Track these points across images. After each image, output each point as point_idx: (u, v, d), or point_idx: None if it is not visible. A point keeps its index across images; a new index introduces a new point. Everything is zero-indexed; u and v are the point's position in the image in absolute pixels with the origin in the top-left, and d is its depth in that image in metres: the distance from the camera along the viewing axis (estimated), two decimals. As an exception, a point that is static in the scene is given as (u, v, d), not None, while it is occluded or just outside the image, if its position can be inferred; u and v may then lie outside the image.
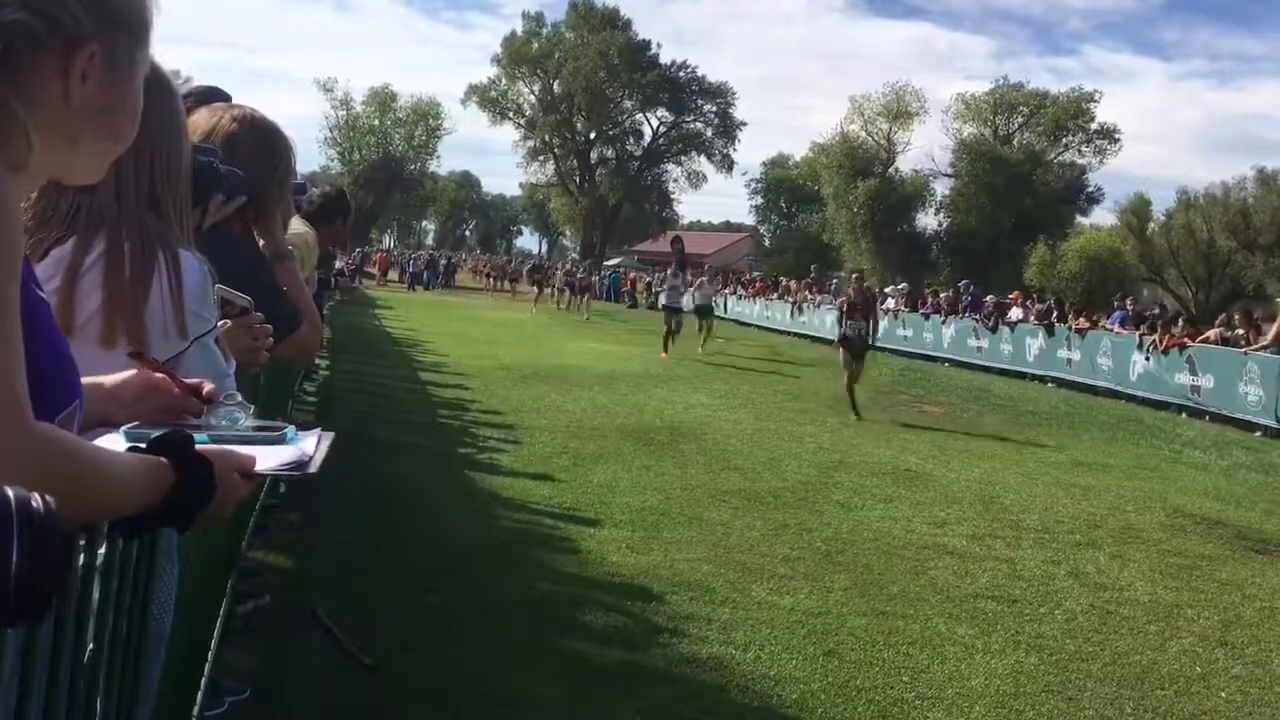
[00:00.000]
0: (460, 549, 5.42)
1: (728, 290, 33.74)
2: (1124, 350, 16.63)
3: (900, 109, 47.70)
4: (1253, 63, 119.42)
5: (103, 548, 1.17)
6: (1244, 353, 14.18)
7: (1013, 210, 43.53)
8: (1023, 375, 19.00)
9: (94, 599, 1.19)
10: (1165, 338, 15.63)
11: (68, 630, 1.08)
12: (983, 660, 4.31)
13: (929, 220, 48.18)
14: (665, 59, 60.06)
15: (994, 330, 20.52)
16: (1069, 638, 4.67)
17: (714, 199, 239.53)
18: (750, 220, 68.59)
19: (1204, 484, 9.15)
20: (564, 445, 8.49)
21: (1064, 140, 46.18)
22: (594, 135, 61.67)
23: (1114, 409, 15.05)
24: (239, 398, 1.40)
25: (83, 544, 1.09)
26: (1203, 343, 15.44)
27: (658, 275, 42.34)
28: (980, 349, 20.83)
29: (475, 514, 6.24)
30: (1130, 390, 16.26)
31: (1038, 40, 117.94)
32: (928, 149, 58.51)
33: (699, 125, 61.67)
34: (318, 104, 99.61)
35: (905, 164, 48.48)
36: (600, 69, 57.79)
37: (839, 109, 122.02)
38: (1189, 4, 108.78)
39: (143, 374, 1.37)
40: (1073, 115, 45.70)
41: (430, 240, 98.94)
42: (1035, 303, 22.66)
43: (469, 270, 56.16)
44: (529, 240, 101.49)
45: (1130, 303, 20.64)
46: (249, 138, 2.49)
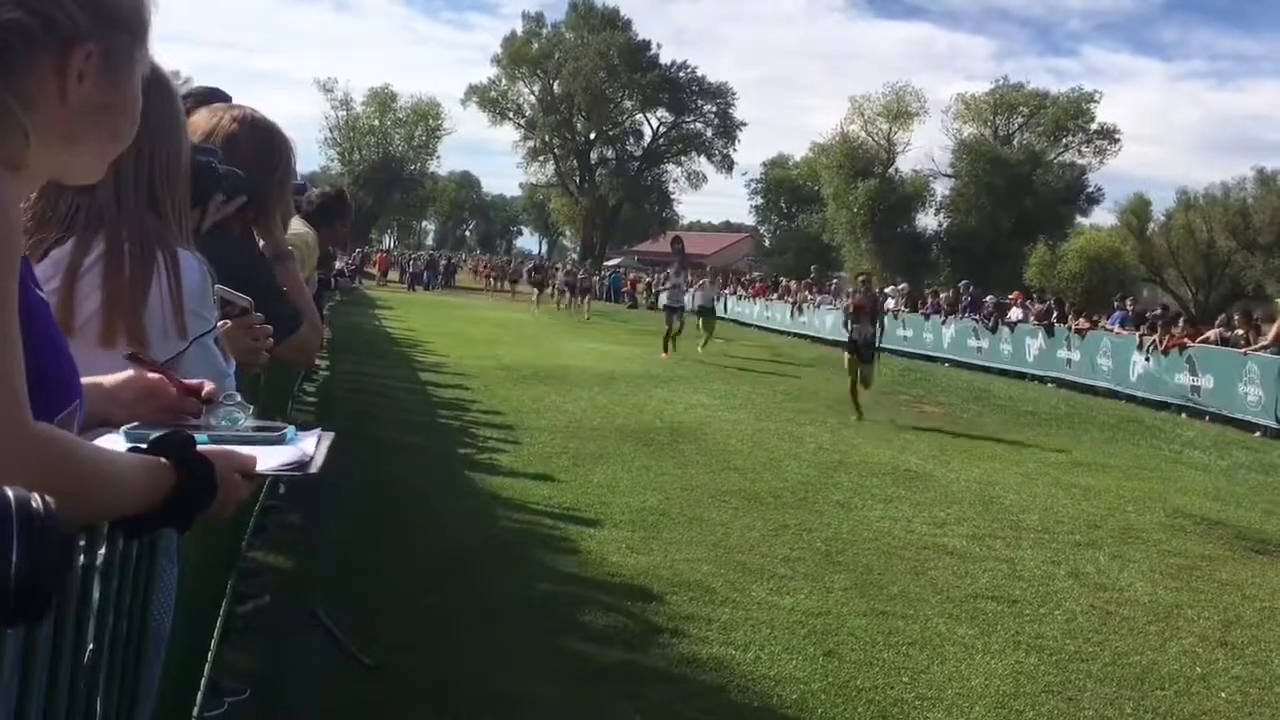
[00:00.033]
0: (460, 549, 5.42)
1: (727, 290, 33.73)
2: (1124, 350, 16.64)
3: (900, 109, 47.72)
4: (1252, 63, 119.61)
5: (103, 548, 1.17)
6: (1244, 353, 14.18)
7: (1013, 210, 43.55)
8: (1023, 375, 19.01)
9: (94, 599, 1.19)
10: (1165, 338, 15.64)
11: (68, 630, 1.08)
12: (983, 660, 4.31)
13: (929, 220, 48.26)
14: (665, 59, 60.17)
15: (994, 330, 20.52)
16: (1069, 638, 4.67)
17: (714, 199, 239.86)
18: (750, 220, 68.75)
19: (1204, 484, 9.15)
20: (564, 445, 8.49)
21: (1064, 140, 46.22)
22: (594, 135, 61.67)
23: (1114, 409, 15.06)
24: (239, 398, 1.40)
25: (83, 544, 1.09)
26: (1202, 343, 15.45)
27: (658, 275, 42.39)
28: (980, 349, 20.83)
29: (475, 514, 6.24)
30: (1130, 390, 16.27)
31: (1037, 40, 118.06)
32: (928, 149, 58.71)
33: (699, 125, 61.71)
34: (317, 104, 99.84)
35: (905, 164, 48.56)
36: (600, 69, 57.80)
37: (839, 109, 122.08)
38: (1188, 4, 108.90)
39: (140, 374, 1.37)
40: (1072, 115, 45.73)
41: (430, 240, 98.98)
42: (1035, 303, 22.67)
43: (469, 271, 56.18)
44: (529, 241, 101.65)
45: (1130, 303, 20.65)
46: (249, 138, 2.50)
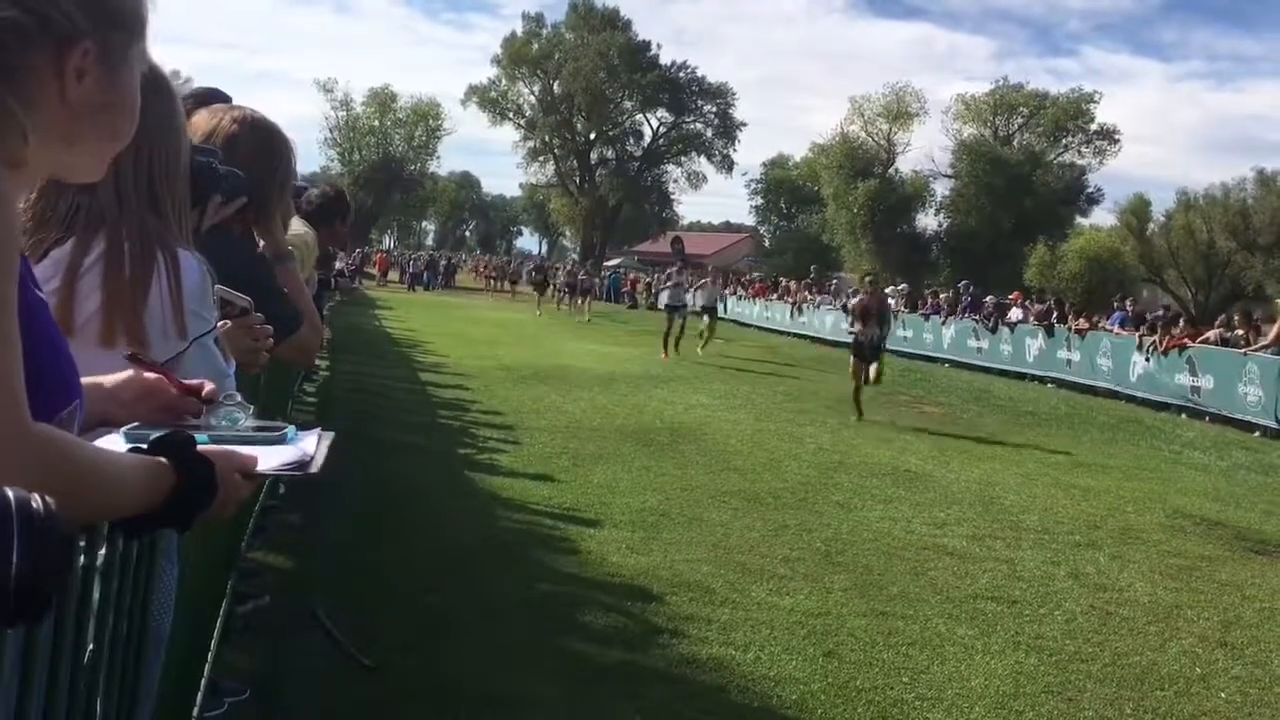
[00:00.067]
0: (460, 549, 5.42)
1: (727, 290, 33.73)
2: (1124, 351, 16.64)
3: (900, 110, 47.71)
4: (1251, 63, 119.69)
5: (103, 549, 1.17)
6: (1244, 353, 14.18)
7: (1012, 211, 43.55)
8: (1022, 376, 19.01)
9: (94, 599, 1.19)
10: (1165, 338, 15.64)
11: (68, 630, 1.08)
12: (982, 661, 4.31)
13: (929, 221, 48.24)
14: (665, 59, 60.10)
15: (994, 331, 20.52)
16: (1069, 638, 4.67)
17: (714, 199, 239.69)
18: (750, 221, 68.66)
19: (1204, 485, 9.15)
20: (564, 446, 8.49)
21: (1063, 141, 46.21)
22: (594, 136, 61.65)
23: (1114, 410, 15.06)
24: (239, 398, 1.40)
25: (83, 545, 1.09)
26: (1202, 343, 15.45)
27: (658, 276, 42.38)
28: (980, 350, 20.84)
29: (475, 514, 6.24)
30: (1130, 391, 16.27)
31: (1037, 41, 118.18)
32: (928, 150, 58.82)
33: (699, 126, 61.67)
34: (318, 105, 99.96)
35: (905, 165, 48.53)
36: (600, 69, 57.78)
37: (839, 109, 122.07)
38: (1187, 5, 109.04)
39: (139, 375, 1.37)
40: (1072, 116, 45.72)
41: (430, 241, 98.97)
42: (1035, 303, 22.68)
43: (469, 271, 56.17)
44: (529, 241, 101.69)
45: (1130, 304, 20.65)
46: (249, 139, 2.50)
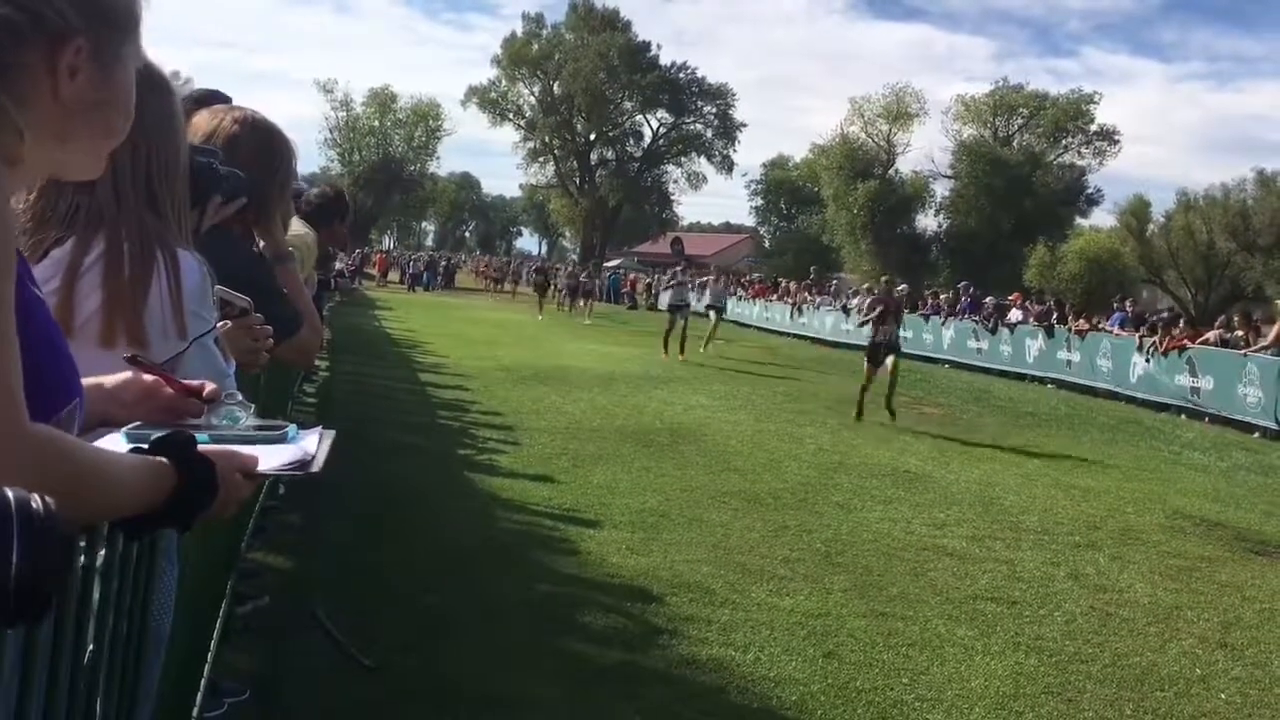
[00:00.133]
0: (460, 550, 5.42)
1: (729, 291, 33.69)
2: (1124, 352, 16.65)
3: (900, 110, 47.74)
4: (1251, 64, 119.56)
5: (103, 549, 1.17)
6: (1243, 354, 14.19)
7: (1012, 212, 43.57)
8: (1022, 377, 19.01)
9: (94, 600, 1.19)
10: (1165, 339, 15.64)
11: (68, 631, 1.07)
12: (982, 662, 4.31)
13: (929, 222, 48.29)
14: (665, 60, 60.21)
15: (993, 332, 20.52)
16: (1068, 639, 4.67)
17: (714, 200, 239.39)
18: (750, 221, 68.67)
19: (1203, 485, 9.15)
20: (563, 446, 8.49)
21: (1063, 142, 46.24)
22: (594, 136, 61.68)
23: (1114, 410, 15.06)
24: (240, 396, 1.40)
25: (83, 545, 1.09)
26: (1202, 344, 15.45)
27: (658, 276, 42.38)
28: (980, 350, 20.84)
29: (475, 515, 6.24)
30: (1130, 392, 16.28)
31: (1037, 42, 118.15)
32: (927, 150, 58.78)
33: (699, 126, 61.72)
34: (317, 105, 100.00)
35: (905, 165, 48.58)
36: (600, 70, 57.81)
37: (839, 110, 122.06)
38: (1187, 5, 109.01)
39: (138, 376, 1.37)
40: (1072, 117, 45.75)
41: (430, 241, 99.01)
42: (1035, 304, 22.68)
43: (469, 272, 56.17)
44: (529, 241, 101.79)
45: (1130, 304, 20.66)
46: (250, 139, 2.50)
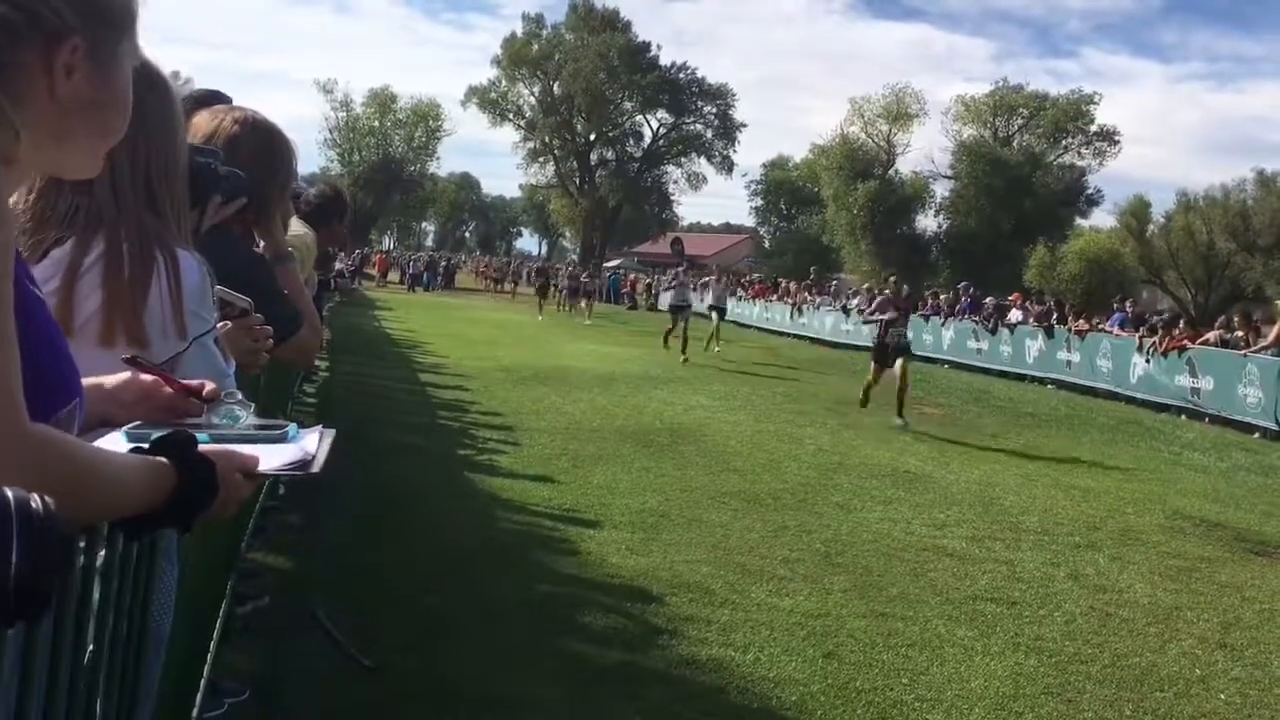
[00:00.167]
0: (460, 550, 5.42)
1: (731, 291, 33.67)
2: (1124, 352, 16.64)
3: (900, 111, 47.77)
4: (1251, 64, 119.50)
5: (103, 549, 1.17)
6: (1243, 355, 14.18)
7: (1012, 212, 43.59)
8: (1022, 377, 19.01)
9: (94, 600, 1.19)
10: (1165, 340, 15.63)
11: (68, 631, 1.07)
12: (982, 662, 4.31)
13: (929, 222, 48.32)
14: (665, 60, 60.25)
15: (993, 332, 20.52)
16: (1068, 640, 4.67)
17: (714, 200, 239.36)
18: (750, 222, 68.71)
19: (1203, 486, 9.15)
20: (563, 447, 8.49)
21: (1063, 142, 46.27)
22: (594, 137, 61.70)
23: (1113, 411, 15.06)
24: (240, 396, 1.40)
25: (83, 546, 1.09)
26: (1202, 345, 15.44)
27: (658, 276, 42.39)
28: (980, 351, 20.84)
29: (475, 515, 6.24)
30: (1130, 392, 16.27)
31: (1037, 42, 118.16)
32: (927, 151, 58.76)
33: (699, 127, 61.74)
34: (317, 105, 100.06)
35: (905, 166, 48.62)
36: (600, 70, 57.82)
37: (839, 110, 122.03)
38: (1187, 6, 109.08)
39: (136, 376, 1.37)
40: (1072, 117, 45.78)
41: (430, 242, 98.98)
42: (1035, 305, 22.67)
43: (469, 272, 56.18)
44: (529, 242, 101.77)
45: (1130, 305, 20.65)
46: (251, 140, 2.50)
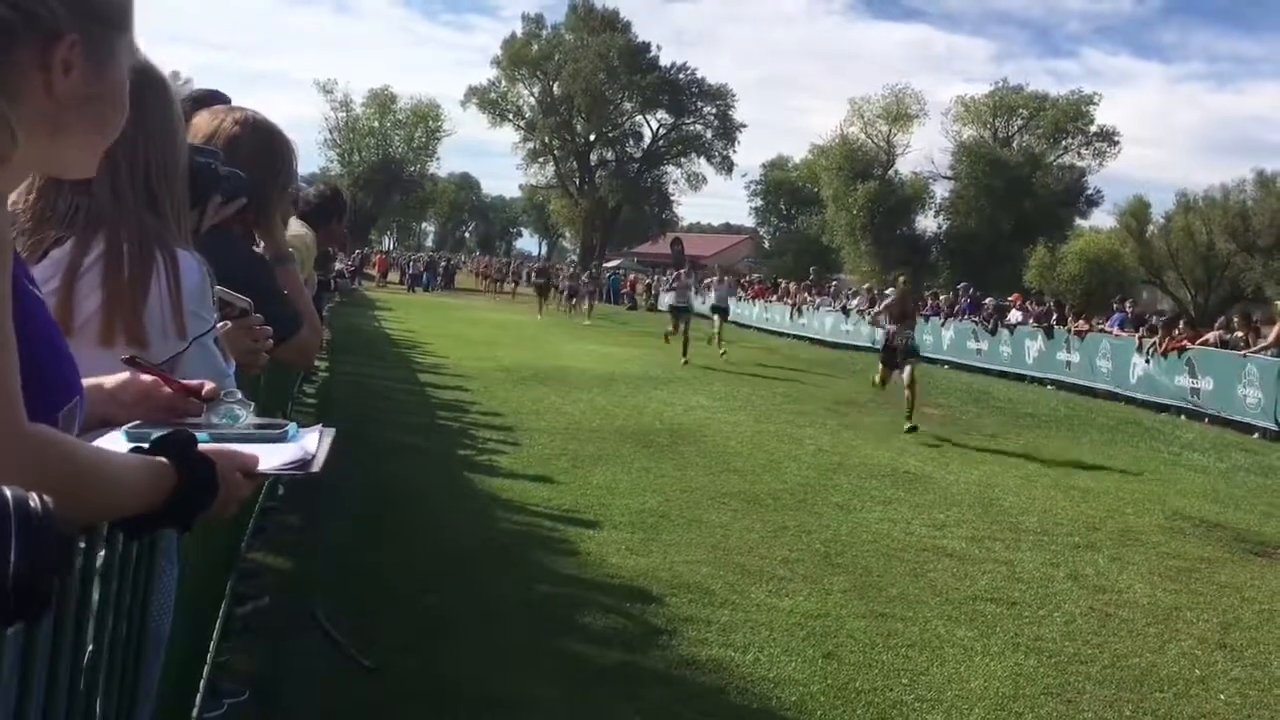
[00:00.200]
0: (460, 550, 5.42)
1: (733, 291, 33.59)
2: (1123, 353, 16.64)
3: (900, 111, 47.80)
4: (1251, 65, 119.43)
5: (103, 550, 1.17)
6: (1243, 355, 14.18)
7: (1012, 213, 43.61)
8: (1022, 378, 19.00)
9: (93, 600, 1.19)
10: (1165, 340, 15.63)
11: (67, 631, 1.07)
12: (982, 662, 4.31)
13: (928, 223, 48.38)
14: (665, 61, 60.29)
15: (993, 332, 20.52)
16: (1068, 640, 4.67)
17: (714, 201, 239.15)
18: (750, 222, 68.78)
19: (1203, 486, 9.15)
20: (563, 447, 8.49)
21: (1063, 143, 46.30)
22: (594, 137, 61.72)
23: (1113, 411, 15.05)
24: (239, 395, 1.40)
25: (82, 546, 1.09)
26: (1202, 345, 15.44)
27: (658, 277, 42.39)
28: (979, 351, 20.83)
29: (474, 515, 6.24)
30: (1129, 393, 16.26)
31: (1036, 43, 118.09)
32: (927, 151, 58.81)
33: (699, 127, 61.76)
34: (317, 105, 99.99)
35: (905, 166, 48.68)
36: (600, 71, 57.84)
37: (838, 111, 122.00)
38: (1187, 6, 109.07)
39: (136, 377, 1.36)
40: (1072, 118, 45.81)
41: (430, 242, 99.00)
42: (1034, 305, 22.68)
43: (469, 272, 56.19)
44: (529, 242, 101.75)
45: (1129, 305, 20.65)
46: (251, 140, 2.50)
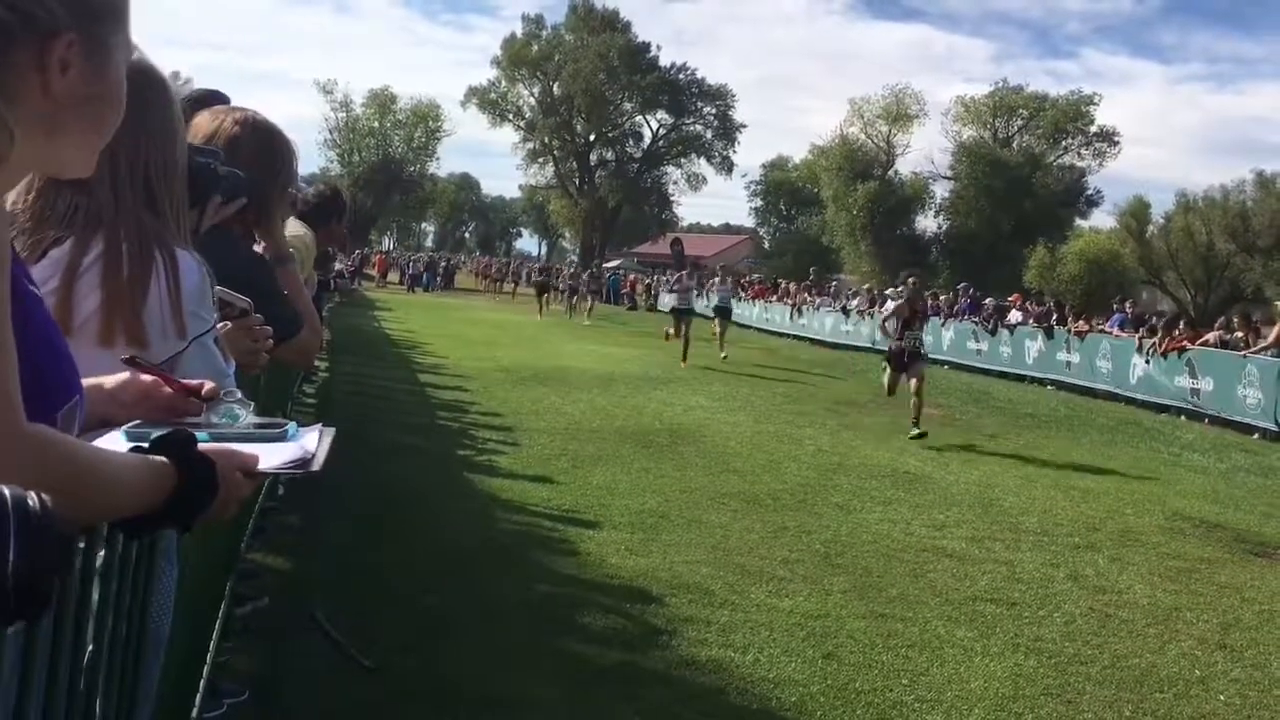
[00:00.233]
0: (459, 551, 5.42)
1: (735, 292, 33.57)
2: (1123, 353, 16.63)
3: (899, 111, 47.80)
4: (1251, 65, 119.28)
5: (102, 550, 1.16)
6: (1243, 356, 14.18)
7: (1012, 213, 43.62)
8: (1022, 378, 18.99)
9: (93, 600, 1.19)
10: (1165, 341, 15.63)
11: (67, 631, 1.07)
12: (982, 663, 4.31)
13: (928, 223, 48.38)
14: (665, 61, 60.31)
15: (993, 333, 20.51)
16: (1068, 640, 4.67)
17: (713, 201, 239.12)
18: (750, 222, 68.75)
19: (1203, 487, 9.14)
20: (563, 447, 8.49)
21: (1063, 143, 46.30)
22: (594, 137, 61.73)
23: (1113, 412, 15.05)
24: (239, 394, 1.40)
25: (82, 546, 1.09)
26: (1202, 346, 15.44)
27: (658, 277, 42.38)
28: (979, 351, 20.82)
29: (474, 516, 6.24)
30: (1129, 393, 16.25)
31: (1036, 43, 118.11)
32: (927, 151, 58.67)
33: (698, 127, 61.79)
34: (317, 106, 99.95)
35: (905, 166, 48.68)
36: (600, 71, 57.85)
37: (838, 111, 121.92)
38: (1187, 7, 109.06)
39: (135, 376, 1.36)
40: (1072, 118, 45.81)
41: (430, 242, 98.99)
42: (1034, 305, 22.67)
43: (469, 272, 56.20)
44: (529, 242, 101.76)
45: (1129, 305, 20.65)
46: (251, 140, 2.50)
